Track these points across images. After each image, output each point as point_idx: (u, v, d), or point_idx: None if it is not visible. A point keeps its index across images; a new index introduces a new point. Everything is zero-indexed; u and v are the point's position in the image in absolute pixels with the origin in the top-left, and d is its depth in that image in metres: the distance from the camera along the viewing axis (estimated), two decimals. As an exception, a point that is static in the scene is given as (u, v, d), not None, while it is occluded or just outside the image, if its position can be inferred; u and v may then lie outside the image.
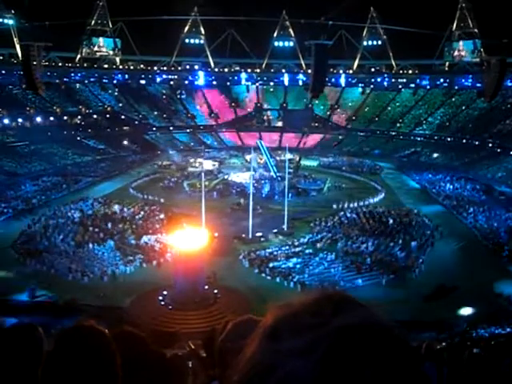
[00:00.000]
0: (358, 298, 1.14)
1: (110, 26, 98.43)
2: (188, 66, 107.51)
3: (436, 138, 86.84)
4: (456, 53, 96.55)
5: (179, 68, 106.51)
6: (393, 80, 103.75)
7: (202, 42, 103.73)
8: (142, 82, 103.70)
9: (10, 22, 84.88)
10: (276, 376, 1.01)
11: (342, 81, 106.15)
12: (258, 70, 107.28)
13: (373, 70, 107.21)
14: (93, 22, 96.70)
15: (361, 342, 1.02)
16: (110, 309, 28.24)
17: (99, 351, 2.06)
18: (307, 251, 39.88)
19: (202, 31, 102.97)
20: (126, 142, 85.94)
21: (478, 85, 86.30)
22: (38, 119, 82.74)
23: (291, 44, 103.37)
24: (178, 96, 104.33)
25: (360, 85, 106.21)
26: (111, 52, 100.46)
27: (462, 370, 6.00)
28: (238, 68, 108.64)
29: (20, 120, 79.98)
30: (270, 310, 1.15)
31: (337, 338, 1.02)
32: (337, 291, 1.19)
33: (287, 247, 40.80)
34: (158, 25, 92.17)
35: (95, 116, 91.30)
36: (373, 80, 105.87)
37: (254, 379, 1.05)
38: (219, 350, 2.60)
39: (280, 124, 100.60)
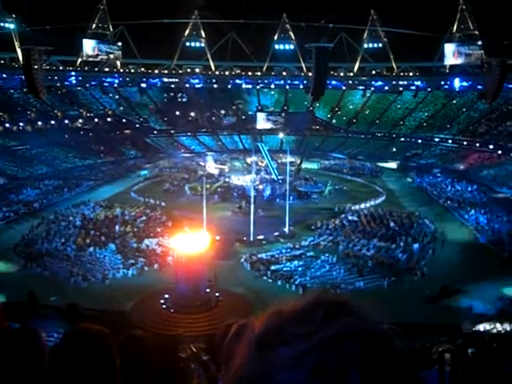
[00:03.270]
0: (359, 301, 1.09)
1: (111, 29, 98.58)
2: (189, 70, 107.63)
3: (437, 140, 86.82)
4: (456, 55, 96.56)
5: (180, 71, 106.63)
6: (393, 82, 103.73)
7: (202, 45, 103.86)
8: (143, 85, 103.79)
9: (11, 26, 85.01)
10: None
11: (343, 83, 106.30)
12: (259, 73, 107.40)
13: (373, 72, 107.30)
14: (93, 25, 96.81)
15: (351, 353, 0.97)
16: (112, 313, 28.25)
17: (98, 353, 2.07)
18: (309, 254, 39.89)
19: (203, 34, 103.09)
20: (127, 146, 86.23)
21: (479, 87, 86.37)
22: (39, 123, 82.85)
23: (292, 47, 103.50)
24: (179, 99, 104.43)
25: (361, 87, 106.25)
26: (112, 56, 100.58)
27: (465, 372, 6.00)
28: (238, 71, 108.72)
29: (21, 124, 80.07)
30: (259, 318, 1.12)
31: (326, 349, 0.98)
32: (329, 295, 1.14)
33: (289, 250, 40.81)
34: (159, 28, 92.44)
35: (96, 119, 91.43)
36: (373, 82, 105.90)
37: None
38: (225, 352, 2.60)
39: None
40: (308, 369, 0.96)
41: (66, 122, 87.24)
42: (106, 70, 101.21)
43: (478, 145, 79.35)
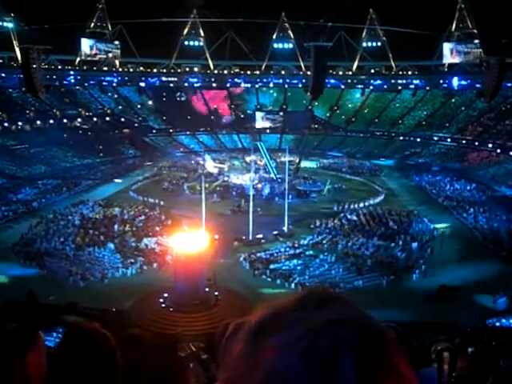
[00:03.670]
0: (359, 300, 1.14)
1: (110, 28, 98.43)
2: (187, 69, 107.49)
3: (436, 138, 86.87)
4: (455, 53, 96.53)
5: (179, 70, 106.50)
6: (392, 81, 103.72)
7: (201, 44, 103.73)
8: (142, 84, 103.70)
9: (10, 25, 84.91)
10: (260, 372, 1.00)
11: (342, 82, 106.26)
12: (258, 72, 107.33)
13: (372, 71, 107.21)
14: (92, 24, 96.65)
15: (344, 339, 0.99)
16: (111, 312, 28.27)
17: (101, 352, 2.08)
18: (308, 253, 39.89)
19: (202, 33, 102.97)
20: (126, 145, 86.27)
21: (478, 85, 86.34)
22: (38, 122, 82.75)
23: (291, 46, 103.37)
24: (178, 98, 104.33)
25: (359, 86, 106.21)
26: (110, 55, 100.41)
27: (463, 370, 6.01)
28: (237, 70, 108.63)
29: (20, 123, 79.95)
30: (256, 310, 1.14)
31: (319, 332, 1.00)
32: (322, 288, 1.16)
33: (288, 249, 40.80)
34: (158, 27, 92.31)
35: (95, 119, 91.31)
36: (372, 81, 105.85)
37: (241, 377, 1.04)
38: (222, 350, 2.61)
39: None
40: (299, 351, 0.98)
41: (65, 121, 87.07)
42: (105, 69, 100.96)
43: (476, 143, 79.45)
